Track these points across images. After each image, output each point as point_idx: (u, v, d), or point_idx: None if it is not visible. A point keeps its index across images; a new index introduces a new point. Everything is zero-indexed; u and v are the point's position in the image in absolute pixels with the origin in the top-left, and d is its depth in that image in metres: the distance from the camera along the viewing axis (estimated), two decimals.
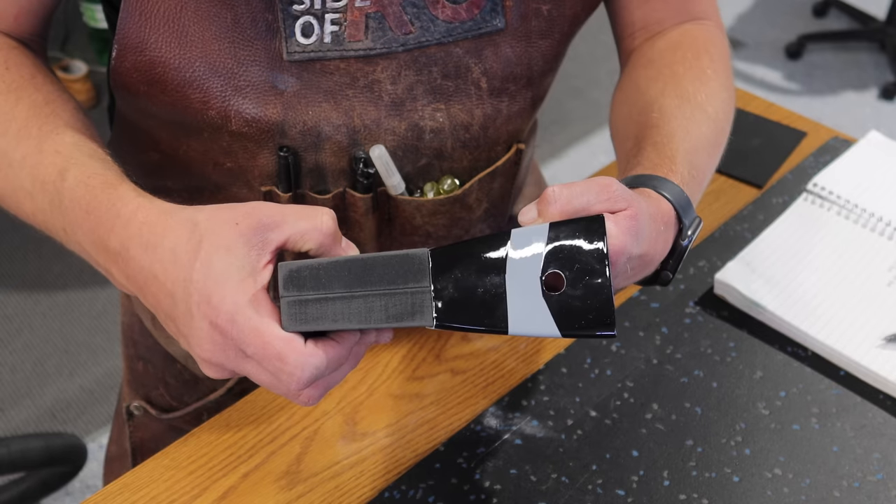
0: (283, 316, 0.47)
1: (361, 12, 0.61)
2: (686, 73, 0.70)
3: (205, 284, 0.48)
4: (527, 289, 0.47)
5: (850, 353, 0.72)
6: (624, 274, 0.53)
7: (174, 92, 0.62)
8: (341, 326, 0.47)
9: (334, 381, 0.51)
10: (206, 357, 0.49)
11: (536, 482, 0.64)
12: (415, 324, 0.47)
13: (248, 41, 0.61)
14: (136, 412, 0.86)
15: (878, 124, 2.76)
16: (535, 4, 0.66)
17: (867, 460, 0.66)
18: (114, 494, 0.64)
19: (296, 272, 0.47)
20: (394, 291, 0.47)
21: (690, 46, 0.72)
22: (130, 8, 0.59)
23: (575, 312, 0.46)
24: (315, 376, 0.48)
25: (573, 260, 0.47)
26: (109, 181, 0.54)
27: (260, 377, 0.49)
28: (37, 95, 0.61)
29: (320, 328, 0.47)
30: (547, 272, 0.47)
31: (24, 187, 0.58)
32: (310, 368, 0.47)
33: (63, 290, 2.03)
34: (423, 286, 0.47)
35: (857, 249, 0.81)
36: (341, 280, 0.47)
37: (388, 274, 0.47)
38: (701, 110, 0.67)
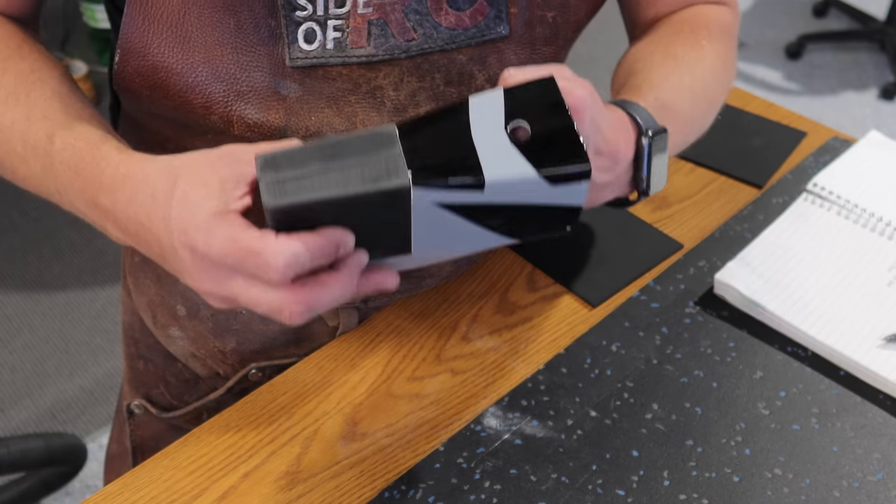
0: (262, 195, 0.48)
1: (364, 19, 0.61)
2: (679, 40, 0.72)
3: (181, 217, 0.49)
4: (494, 140, 0.49)
5: (850, 353, 0.72)
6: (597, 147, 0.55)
7: (176, 97, 0.62)
8: (321, 196, 0.47)
9: (322, 300, 0.50)
10: (200, 286, 0.51)
11: (536, 482, 0.64)
12: (392, 184, 0.48)
13: (250, 47, 0.61)
14: (137, 411, 0.86)
15: (878, 124, 2.76)
16: (539, 11, 0.66)
17: (867, 460, 0.66)
18: (114, 494, 0.64)
19: (271, 157, 0.49)
20: (368, 159, 0.48)
21: (690, 21, 0.73)
22: (133, 12, 0.59)
23: (545, 150, 0.49)
24: (294, 264, 0.47)
25: (532, 111, 0.50)
26: (94, 142, 0.56)
27: (249, 293, 0.49)
28: (23, 65, 0.62)
29: (299, 200, 0.47)
30: (511, 124, 0.49)
31: (16, 152, 0.59)
32: (285, 254, 0.47)
33: (63, 290, 2.03)
34: (395, 151, 0.48)
35: (857, 249, 0.81)
36: (316, 158, 0.48)
37: (361, 147, 0.48)
38: (686, 67, 0.69)
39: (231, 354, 0.79)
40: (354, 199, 0.48)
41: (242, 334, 0.78)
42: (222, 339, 0.78)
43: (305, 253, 0.48)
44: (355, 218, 0.50)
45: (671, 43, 0.72)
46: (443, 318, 0.76)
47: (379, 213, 0.50)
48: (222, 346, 0.78)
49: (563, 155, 0.49)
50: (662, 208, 0.88)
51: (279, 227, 0.49)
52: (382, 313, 0.77)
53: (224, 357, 0.79)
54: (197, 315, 0.78)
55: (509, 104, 0.50)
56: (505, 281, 0.80)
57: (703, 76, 0.70)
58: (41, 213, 2.20)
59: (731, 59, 0.75)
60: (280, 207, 0.48)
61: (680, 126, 0.66)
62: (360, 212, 0.49)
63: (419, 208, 0.50)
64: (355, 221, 0.50)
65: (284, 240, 0.47)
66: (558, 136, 0.49)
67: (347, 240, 0.49)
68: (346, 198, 0.48)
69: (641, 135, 0.61)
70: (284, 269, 0.47)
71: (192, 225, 0.49)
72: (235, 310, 0.53)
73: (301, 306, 0.49)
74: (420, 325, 0.76)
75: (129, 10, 0.60)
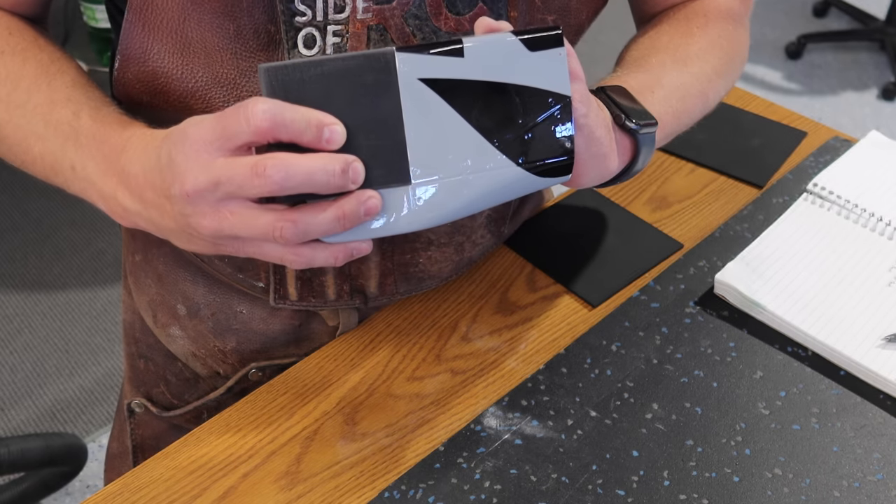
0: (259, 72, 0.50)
1: (363, 24, 0.61)
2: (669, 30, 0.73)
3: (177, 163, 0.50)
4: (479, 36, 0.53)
5: (850, 353, 0.72)
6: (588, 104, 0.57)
7: (177, 102, 0.62)
8: (309, 61, 0.49)
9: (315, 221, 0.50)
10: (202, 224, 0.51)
11: (536, 482, 0.64)
12: (376, 51, 0.50)
13: (250, 52, 0.61)
14: (138, 410, 0.86)
15: (878, 124, 2.76)
16: (540, 15, 0.66)
17: (867, 460, 0.66)
18: (114, 494, 0.64)
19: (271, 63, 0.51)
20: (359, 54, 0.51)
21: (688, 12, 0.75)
22: (133, 19, 0.60)
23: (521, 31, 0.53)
24: (274, 111, 0.48)
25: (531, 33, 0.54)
26: (122, 120, 0.59)
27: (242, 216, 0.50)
28: (42, 55, 0.64)
29: (291, 63, 0.49)
30: None
31: (35, 132, 0.61)
32: (265, 101, 0.48)
33: (63, 290, 2.03)
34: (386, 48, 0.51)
35: (857, 249, 0.81)
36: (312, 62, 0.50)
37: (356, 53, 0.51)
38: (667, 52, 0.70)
39: (231, 354, 0.79)
40: (341, 66, 0.50)
41: (242, 334, 0.78)
42: (222, 338, 0.78)
43: (286, 107, 0.48)
44: (346, 98, 0.50)
45: (661, 33, 0.72)
46: (443, 318, 0.76)
47: (368, 95, 0.51)
48: (222, 346, 0.79)
49: (537, 28, 0.54)
50: (662, 208, 0.88)
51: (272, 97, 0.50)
52: (382, 313, 0.77)
53: (224, 356, 0.79)
54: (197, 314, 0.78)
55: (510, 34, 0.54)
56: (505, 281, 0.80)
57: (687, 55, 0.71)
58: (42, 214, 2.20)
59: (728, 42, 0.75)
60: (271, 68, 0.49)
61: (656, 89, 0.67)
62: (351, 88, 0.50)
63: (407, 85, 0.51)
64: (346, 105, 0.50)
65: (263, 97, 0.49)
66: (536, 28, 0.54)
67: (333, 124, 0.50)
68: (332, 62, 0.50)
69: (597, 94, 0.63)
70: (263, 113, 0.48)
71: (183, 169, 0.50)
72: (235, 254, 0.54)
73: (291, 224, 0.50)
74: (420, 325, 0.76)
75: (129, 17, 0.60)
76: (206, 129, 0.50)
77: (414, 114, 0.51)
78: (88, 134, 0.58)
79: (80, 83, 0.63)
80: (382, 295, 0.75)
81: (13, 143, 0.62)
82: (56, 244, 2.11)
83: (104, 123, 0.58)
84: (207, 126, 0.49)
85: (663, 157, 0.94)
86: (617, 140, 0.62)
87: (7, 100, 0.62)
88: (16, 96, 0.62)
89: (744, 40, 0.78)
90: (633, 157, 0.64)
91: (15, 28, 0.65)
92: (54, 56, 0.64)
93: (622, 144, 0.63)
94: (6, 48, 0.63)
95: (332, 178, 0.49)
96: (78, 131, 0.59)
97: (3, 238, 2.16)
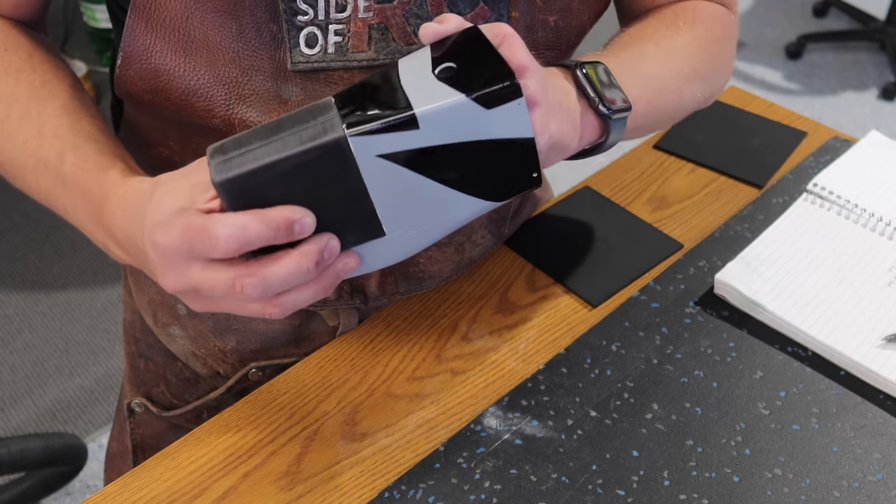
0: (211, 175, 0.49)
1: (365, 23, 0.61)
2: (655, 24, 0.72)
3: (153, 217, 0.52)
4: (423, 83, 0.50)
5: (850, 353, 0.72)
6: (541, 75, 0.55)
7: (178, 100, 0.62)
8: (262, 163, 0.49)
9: (276, 274, 0.51)
10: (166, 282, 0.53)
11: (536, 482, 0.64)
12: (327, 139, 0.49)
13: (252, 51, 0.61)
14: (138, 409, 0.86)
15: (878, 124, 2.76)
16: (541, 15, 0.66)
17: (867, 460, 0.66)
18: (114, 494, 0.64)
19: (219, 144, 0.51)
20: (305, 127, 0.50)
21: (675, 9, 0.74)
22: (137, 16, 0.60)
23: (471, 79, 0.50)
24: (237, 235, 0.49)
25: (460, 54, 0.51)
26: (101, 165, 0.59)
27: (206, 276, 0.51)
28: (34, 76, 0.64)
29: (242, 171, 0.49)
30: (439, 68, 0.51)
31: (27, 166, 0.62)
32: (225, 224, 0.49)
33: (63, 290, 2.03)
34: (331, 115, 0.50)
35: (857, 249, 0.81)
36: (259, 136, 0.50)
37: (299, 118, 0.50)
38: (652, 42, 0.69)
39: (231, 353, 0.79)
40: (295, 162, 0.49)
41: (242, 333, 0.78)
42: (222, 338, 0.78)
43: (249, 224, 0.49)
44: (306, 186, 0.50)
45: (647, 24, 0.71)
46: (443, 318, 0.76)
47: (329, 180, 0.50)
48: (222, 346, 0.79)
49: (490, 76, 0.50)
50: (662, 208, 0.88)
51: (232, 206, 0.50)
52: (382, 313, 0.77)
53: (224, 356, 0.79)
54: (197, 314, 0.78)
55: (436, 53, 0.52)
56: (505, 281, 0.80)
57: (671, 48, 0.70)
58: (41, 214, 2.20)
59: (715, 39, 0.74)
60: (224, 180, 0.49)
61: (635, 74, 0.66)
62: (308, 178, 0.50)
63: (366, 164, 0.50)
64: (308, 192, 0.50)
65: (229, 214, 0.50)
66: (483, 63, 0.51)
67: (302, 217, 0.50)
68: (285, 160, 0.49)
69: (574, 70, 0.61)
70: (226, 239, 0.49)
71: (157, 222, 0.52)
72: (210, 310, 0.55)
73: (251, 279, 0.50)
74: (420, 325, 0.76)
75: (132, 15, 0.60)
76: (173, 240, 0.51)
77: (378, 185, 0.51)
78: (71, 181, 0.60)
79: (69, 109, 0.63)
80: (382, 295, 0.75)
81: (9, 171, 0.64)
82: (56, 244, 2.11)
83: (84, 171, 0.59)
84: (174, 237, 0.51)
85: (663, 157, 0.94)
86: (585, 121, 0.61)
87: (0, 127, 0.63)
88: (8, 125, 0.62)
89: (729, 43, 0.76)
90: (600, 136, 0.63)
91: (11, 43, 0.65)
92: (46, 77, 0.64)
93: (590, 124, 0.61)
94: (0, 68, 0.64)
95: (309, 274, 0.52)
96: (64, 176, 0.60)
97: (3, 238, 2.16)
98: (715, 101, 1.01)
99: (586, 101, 0.61)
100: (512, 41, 0.53)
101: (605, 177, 0.92)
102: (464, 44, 0.52)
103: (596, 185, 0.90)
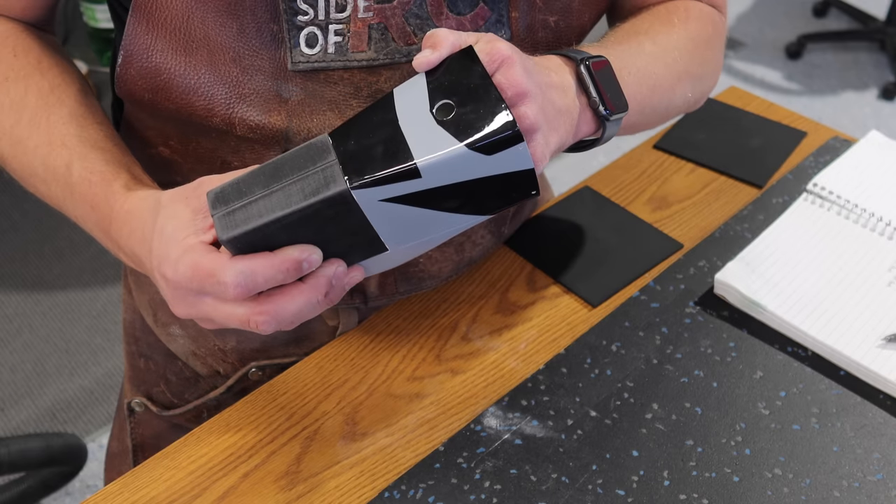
0: (217, 230, 0.50)
1: (364, 23, 0.61)
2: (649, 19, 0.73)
3: (159, 248, 0.53)
4: (422, 125, 0.50)
5: (850, 353, 0.72)
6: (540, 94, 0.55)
7: (178, 99, 0.62)
8: (268, 219, 0.50)
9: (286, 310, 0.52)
10: (178, 311, 0.55)
11: (536, 482, 0.64)
12: (331, 192, 0.49)
13: (253, 51, 0.61)
14: (138, 409, 0.86)
15: (878, 124, 2.76)
16: (541, 16, 0.66)
17: (867, 460, 0.66)
18: (114, 494, 0.64)
19: (219, 191, 0.51)
20: (306, 175, 0.50)
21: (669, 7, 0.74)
22: (138, 16, 0.60)
23: (471, 124, 0.49)
24: (244, 282, 0.50)
25: (455, 86, 0.50)
26: (106, 178, 0.61)
27: (219, 311, 0.53)
28: (43, 82, 0.65)
29: (248, 228, 0.50)
30: (436, 105, 0.50)
31: (37, 174, 0.63)
32: (235, 272, 0.50)
33: (63, 290, 2.03)
34: (330, 161, 0.50)
35: (857, 249, 0.81)
36: (259, 183, 0.50)
37: (298, 164, 0.50)
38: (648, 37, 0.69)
39: (231, 353, 0.79)
40: (300, 215, 0.50)
41: (242, 333, 0.78)
42: (222, 337, 0.78)
43: (257, 270, 0.51)
44: (311, 231, 0.51)
45: (641, 21, 0.71)
46: (443, 318, 0.76)
47: (334, 222, 0.51)
48: (222, 345, 0.79)
49: (489, 122, 0.49)
50: (662, 208, 0.88)
51: (240, 253, 0.51)
52: (382, 313, 0.77)
53: (224, 355, 0.79)
54: None
55: (432, 85, 0.51)
56: (505, 281, 0.80)
57: (666, 44, 0.70)
58: (42, 214, 2.20)
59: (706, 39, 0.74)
60: (232, 238, 0.50)
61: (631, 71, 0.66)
62: (314, 224, 0.51)
63: (369, 208, 0.50)
64: (314, 234, 0.51)
65: (237, 259, 0.51)
66: (482, 106, 0.50)
67: (309, 255, 0.52)
68: (290, 215, 0.50)
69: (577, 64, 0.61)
70: (235, 286, 0.50)
71: (165, 256, 0.53)
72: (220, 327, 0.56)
73: (265, 316, 0.52)
74: (420, 325, 0.76)
75: (133, 15, 0.60)
76: (182, 278, 0.52)
77: (382, 220, 0.52)
78: (79, 194, 0.61)
79: (77, 115, 0.64)
80: (382, 295, 0.75)
81: (20, 177, 0.66)
82: (56, 244, 2.11)
83: (90, 184, 0.61)
84: (184, 275, 0.52)
85: (663, 157, 0.94)
86: (582, 118, 0.61)
87: (10, 133, 0.64)
88: (18, 131, 0.63)
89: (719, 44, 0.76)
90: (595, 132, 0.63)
91: (21, 48, 0.66)
92: (55, 82, 0.65)
93: (586, 122, 0.61)
94: (10, 73, 0.65)
95: (319, 305, 0.54)
96: (72, 187, 0.61)
97: (3, 238, 2.16)
98: (715, 101, 1.02)
99: (586, 98, 0.61)
100: (509, 65, 0.53)
101: (605, 177, 0.92)
102: (460, 71, 0.51)
103: (596, 185, 0.90)
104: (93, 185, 0.60)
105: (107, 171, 0.61)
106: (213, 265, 0.51)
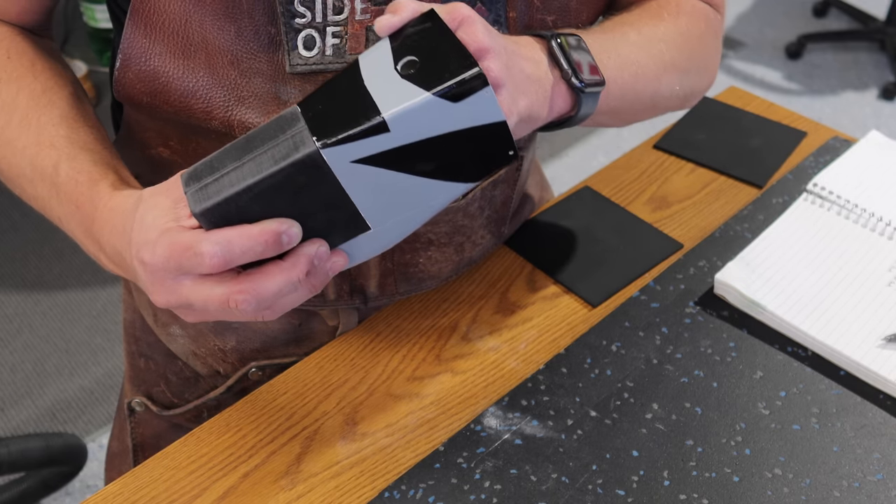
0: (189, 205, 0.50)
1: (362, 25, 0.61)
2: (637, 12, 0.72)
3: (138, 235, 0.53)
4: (387, 82, 0.50)
5: (850, 353, 0.72)
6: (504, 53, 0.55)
7: (177, 102, 0.62)
8: (239, 187, 0.49)
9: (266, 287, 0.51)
10: (157, 299, 0.54)
11: (536, 482, 0.64)
12: (300, 155, 0.49)
13: (251, 53, 0.61)
14: (138, 408, 0.86)
15: (878, 124, 2.76)
16: (539, 16, 0.66)
17: (867, 460, 0.66)
18: (114, 494, 0.64)
19: (192, 170, 0.51)
20: (276, 143, 0.50)
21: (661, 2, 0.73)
22: (136, 19, 0.60)
23: (435, 74, 0.49)
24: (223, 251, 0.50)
25: (419, 45, 0.51)
26: (93, 178, 0.60)
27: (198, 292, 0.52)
28: (35, 84, 0.65)
29: (220, 198, 0.50)
30: (401, 62, 0.50)
31: (25, 174, 0.63)
32: (210, 242, 0.50)
33: (63, 290, 2.03)
34: (299, 127, 0.50)
35: (857, 249, 0.81)
36: (231, 157, 0.50)
37: (269, 134, 0.50)
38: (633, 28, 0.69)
39: (231, 353, 0.79)
40: (272, 181, 0.50)
41: (242, 333, 0.78)
42: (222, 337, 0.78)
43: (234, 240, 0.50)
44: (286, 201, 0.51)
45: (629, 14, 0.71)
46: (443, 318, 0.76)
47: (308, 190, 0.51)
48: (222, 345, 0.79)
49: (453, 68, 0.50)
50: (662, 208, 0.88)
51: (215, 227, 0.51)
52: (382, 313, 0.77)
53: (224, 355, 0.79)
54: None
55: (395, 46, 0.51)
56: (505, 281, 0.80)
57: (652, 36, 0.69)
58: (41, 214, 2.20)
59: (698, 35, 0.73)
60: (204, 211, 0.50)
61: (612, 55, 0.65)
62: (287, 193, 0.50)
63: (342, 171, 0.50)
64: (289, 205, 0.51)
65: (213, 231, 0.50)
66: (445, 53, 0.50)
67: (288, 228, 0.51)
68: (261, 182, 0.49)
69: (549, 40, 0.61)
70: (211, 256, 0.50)
71: (144, 242, 0.52)
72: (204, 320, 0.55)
73: (244, 294, 0.51)
74: (420, 325, 0.76)
75: (131, 18, 0.60)
76: (160, 258, 0.51)
77: (357, 187, 0.51)
78: (64, 193, 0.61)
79: (68, 118, 0.64)
80: (382, 295, 0.75)
81: (7, 178, 0.65)
82: (56, 244, 2.11)
83: (77, 183, 0.60)
84: (161, 255, 0.51)
85: (663, 157, 0.94)
86: (556, 91, 0.60)
87: (0, 134, 0.64)
88: (8, 132, 0.63)
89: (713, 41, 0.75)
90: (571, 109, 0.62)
91: (14, 51, 0.66)
92: (47, 85, 0.65)
93: (561, 95, 0.61)
94: (2, 75, 0.65)
95: (300, 284, 0.53)
96: (58, 187, 0.61)
97: (3, 238, 2.16)
98: (715, 101, 1.02)
99: (559, 71, 0.60)
100: (469, 23, 0.53)
101: (605, 177, 0.92)
102: (422, 31, 0.52)
103: (596, 185, 0.90)
104: (79, 185, 0.60)
105: (94, 172, 0.61)
106: (189, 239, 0.50)
